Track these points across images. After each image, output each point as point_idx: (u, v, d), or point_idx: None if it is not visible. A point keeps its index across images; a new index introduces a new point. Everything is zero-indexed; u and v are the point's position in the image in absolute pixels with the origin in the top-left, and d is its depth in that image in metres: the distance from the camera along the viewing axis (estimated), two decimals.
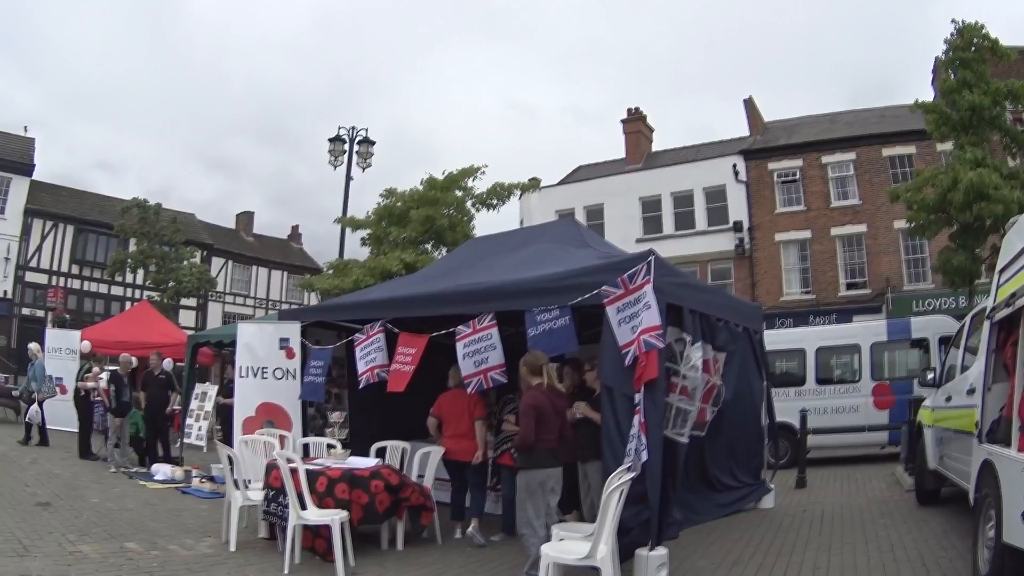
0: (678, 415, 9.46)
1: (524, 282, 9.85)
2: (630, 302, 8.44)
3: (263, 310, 58.62)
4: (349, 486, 9.40)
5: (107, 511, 11.67)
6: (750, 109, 42.52)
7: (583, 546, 7.13)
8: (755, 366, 12.56)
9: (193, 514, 12.01)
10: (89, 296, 52.13)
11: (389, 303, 11.83)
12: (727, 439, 11.71)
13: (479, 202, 27.46)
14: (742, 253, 38.32)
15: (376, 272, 24.90)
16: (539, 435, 8.18)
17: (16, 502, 11.75)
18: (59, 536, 9.72)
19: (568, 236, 11.98)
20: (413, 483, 10.36)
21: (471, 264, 12.26)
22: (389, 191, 28.38)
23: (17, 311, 48.94)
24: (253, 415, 13.39)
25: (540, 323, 9.39)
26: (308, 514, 8.92)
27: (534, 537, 8.02)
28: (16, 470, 14.91)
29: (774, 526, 11.27)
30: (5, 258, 48.43)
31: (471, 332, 10.18)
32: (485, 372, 10.08)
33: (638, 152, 45.63)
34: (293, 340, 13.27)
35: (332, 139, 26.10)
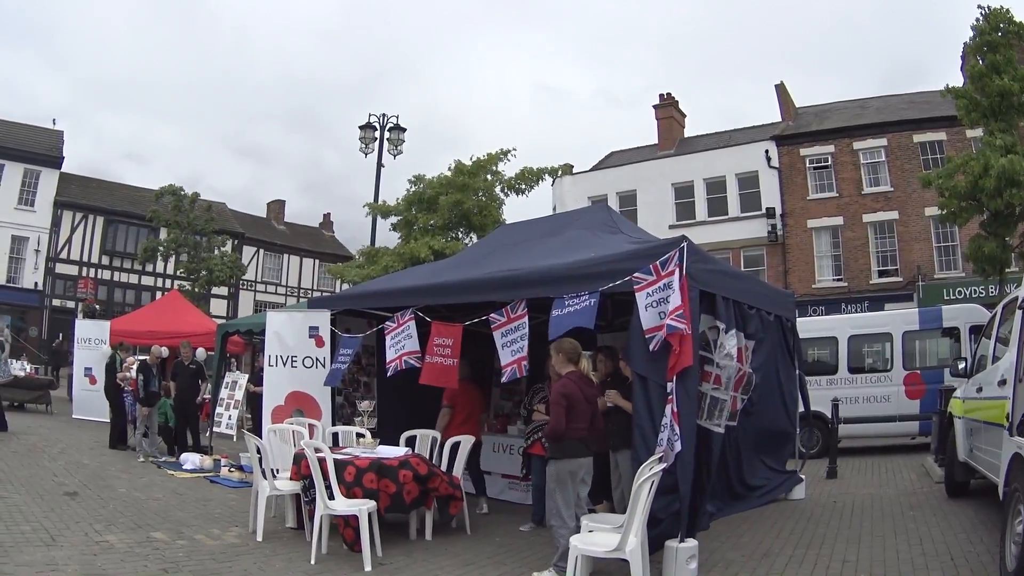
0: (713, 404, 9.45)
1: (556, 268, 9.77)
2: (660, 288, 8.39)
3: (295, 298, 59.13)
4: (377, 475, 9.40)
5: (134, 501, 11.75)
6: (782, 94, 42.35)
7: (612, 537, 7.12)
8: (787, 354, 12.51)
9: (221, 503, 12.08)
10: (119, 286, 52.87)
11: (420, 290, 11.78)
12: (757, 429, 11.63)
13: (508, 187, 27.42)
14: (774, 240, 38.24)
15: (405, 259, 24.93)
16: (570, 424, 8.13)
17: (44, 492, 11.82)
18: (86, 526, 9.79)
19: (600, 222, 11.93)
20: (442, 473, 10.36)
21: (502, 250, 12.23)
22: (418, 177, 28.43)
23: (48, 302, 49.69)
24: (282, 404, 13.45)
25: (567, 307, 9.38)
26: (336, 504, 8.95)
27: (564, 528, 7.99)
28: (45, 460, 15.02)
29: (804, 517, 11.25)
30: (35, 250, 49.15)
31: (506, 321, 10.17)
32: (519, 361, 10.04)
33: (671, 138, 45.61)
34: (323, 328, 13.31)
35: (363, 126, 26.09)
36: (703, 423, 9.18)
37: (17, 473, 13.21)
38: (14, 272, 49.40)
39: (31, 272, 49.62)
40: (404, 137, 26.35)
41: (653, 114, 46.67)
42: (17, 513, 10.15)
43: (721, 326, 9.40)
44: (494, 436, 13.50)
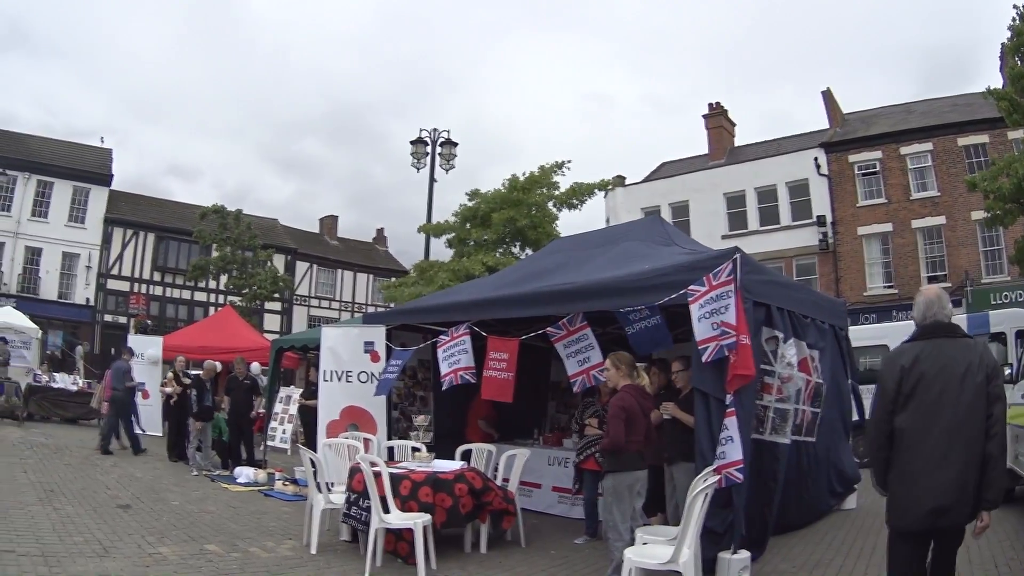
0: (777, 416, 9.50)
1: (610, 282, 9.88)
2: (711, 299, 8.48)
3: (348, 313, 59.51)
4: (433, 489, 9.53)
5: (187, 513, 11.90)
6: (828, 101, 42.29)
7: (666, 550, 7.17)
8: (841, 364, 12.50)
9: (275, 517, 12.21)
10: (171, 302, 53.69)
11: (474, 305, 11.94)
12: (824, 441, 11.66)
13: (560, 202, 27.47)
14: (825, 248, 38.25)
15: (460, 275, 25.07)
16: (628, 437, 8.18)
17: (97, 504, 11.97)
18: (138, 538, 9.93)
19: (654, 234, 12.01)
20: (497, 487, 10.47)
21: (557, 264, 12.32)
22: (473, 192, 28.56)
23: (99, 318, 50.35)
24: (337, 418, 13.66)
25: (635, 321, 9.49)
26: (391, 517, 9.04)
27: (619, 541, 8.04)
28: (98, 473, 15.20)
29: (855, 527, 11.30)
30: (87, 266, 50.11)
31: (566, 334, 10.34)
32: (588, 371, 10.31)
33: (721, 147, 45.93)
34: (378, 343, 13.53)
35: (414, 141, 26.24)
36: (768, 437, 9.24)
37: (70, 485, 13.39)
38: (65, 288, 50.39)
39: (82, 288, 50.58)
40: (456, 152, 26.47)
41: (703, 123, 47.07)
42: (70, 524, 10.30)
43: (779, 335, 9.46)
44: (549, 449, 13.58)
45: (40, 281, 49.32)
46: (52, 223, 49.76)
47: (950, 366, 5.41)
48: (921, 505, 5.28)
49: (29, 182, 49.24)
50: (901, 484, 5.47)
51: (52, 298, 49.39)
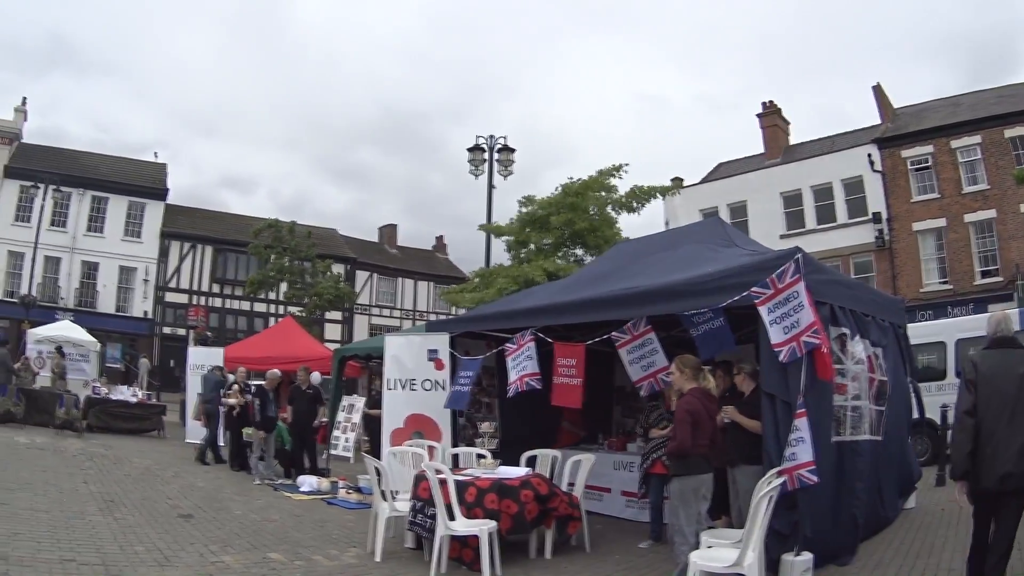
0: (854, 414, 9.46)
1: (674, 285, 9.91)
2: (780, 301, 8.48)
3: (410, 321, 59.84)
4: (499, 496, 9.56)
5: (250, 522, 11.96)
6: (879, 96, 42.21)
7: (731, 553, 7.19)
8: (901, 362, 12.37)
9: (338, 525, 12.23)
10: (231, 313, 54.62)
11: (539, 311, 11.99)
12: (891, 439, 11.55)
13: (619, 206, 27.42)
14: (882, 245, 38.27)
15: (519, 281, 25.06)
16: (694, 440, 8.19)
17: (158, 514, 12.05)
18: (200, 547, 9.98)
19: (715, 236, 12.04)
20: (562, 492, 10.47)
21: (619, 268, 12.35)
22: (528, 198, 28.57)
23: (158, 330, 51.01)
24: (402, 426, 13.75)
25: (699, 324, 9.48)
26: (456, 525, 9.05)
27: (684, 545, 8.05)
28: (159, 483, 15.32)
29: (915, 527, 11.26)
30: (144, 280, 51.23)
31: (630, 339, 10.38)
32: (655, 374, 10.46)
33: (776, 146, 46.14)
34: (442, 351, 13.58)
35: (471, 148, 26.27)
36: (848, 437, 9.20)
37: (130, 496, 13.47)
38: (123, 301, 51.52)
39: (140, 301, 51.66)
40: (513, 157, 26.45)
41: (757, 122, 47.32)
42: (131, 534, 10.35)
43: (846, 331, 9.41)
44: (614, 454, 13.54)
45: (97, 295, 50.48)
46: (108, 238, 51.04)
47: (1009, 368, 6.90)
48: (993, 471, 6.64)
49: (84, 198, 50.58)
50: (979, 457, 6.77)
51: (110, 311, 50.44)
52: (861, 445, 9.60)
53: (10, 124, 51.31)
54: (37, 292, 45.04)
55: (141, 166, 56.88)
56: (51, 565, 8.36)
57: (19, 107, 52.54)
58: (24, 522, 10.32)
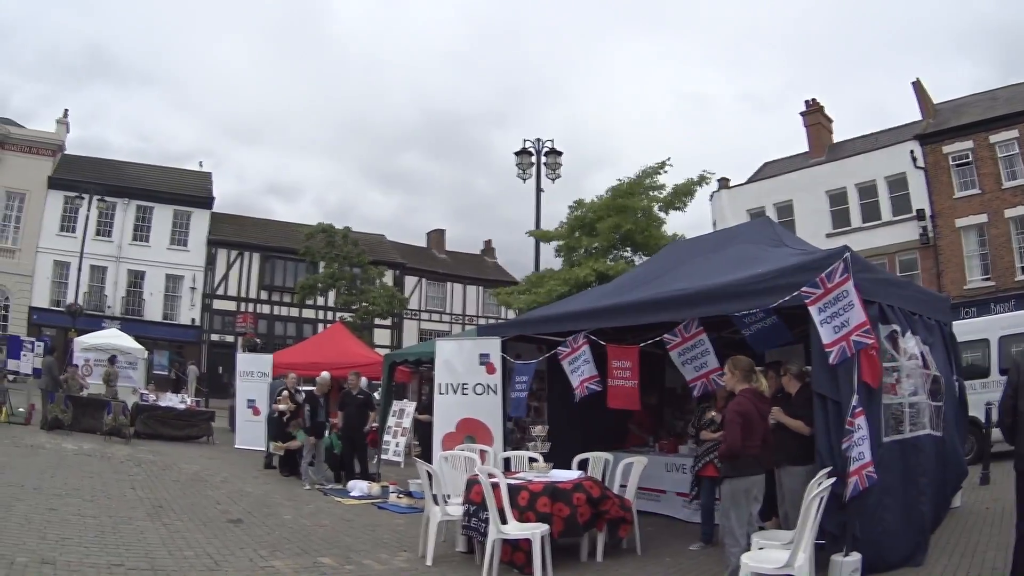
0: (912, 411, 9.39)
1: (725, 286, 9.90)
2: (830, 301, 8.45)
3: (459, 326, 60.22)
4: (551, 499, 9.55)
5: (300, 527, 12.01)
6: (919, 91, 41.96)
7: (782, 554, 7.19)
8: (947, 360, 12.26)
9: (389, 529, 12.25)
10: (279, 320, 55.08)
11: (590, 313, 12.01)
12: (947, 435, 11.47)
13: (666, 204, 27.39)
14: (926, 242, 38.07)
15: (570, 283, 25.09)
16: (745, 442, 8.19)
17: (208, 519, 12.12)
18: (250, 552, 10.03)
19: (764, 235, 12.04)
20: (614, 495, 10.46)
21: (670, 269, 12.37)
22: (578, 203, 28.62)
23: (206, 337, 51.55)
24: (453, 431, 13.79)
25: (750, 324, 9.46)
26: (508, 528, 9.06)
27: (735, 547, 8.06)
28: (208, 488, 15.43)
29: (960, 525, 11.14)
30: (191, 288, 52.06)
31: (681, 340, 10.38)
32: (707, 375, 10.46)
33: (820, 144, 46.09)
34: (493, 355, 13.61)
35: (518, 152, 26.26)
36: (908, 434, 9.14)
37: (179, 501, 13.56)
38: (170, 309, 52.38)
39: (187, 309, 52.45)
40: (560, 160, 26.43)
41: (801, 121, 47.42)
42: (180, 539, 10.43)
43: (897, 328, 9.35)
44: (666, 456, 13.51)
45: (144, 303, 51.29)
46: (154, 246, 51.94)
47: None
48: None
49: (129, 207, 51.59)
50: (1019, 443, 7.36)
51: (157, 319, 51.24)
52: (922, 440, 9.55)
53: (53, 136, 52.24)
54: (83, 301, 45.62)
55: (186, 175, 57.66)
56: (99, 570, 8.44)
57: (61, 119, 53.38)
58: (72, 527, 10.42)
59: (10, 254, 49.52)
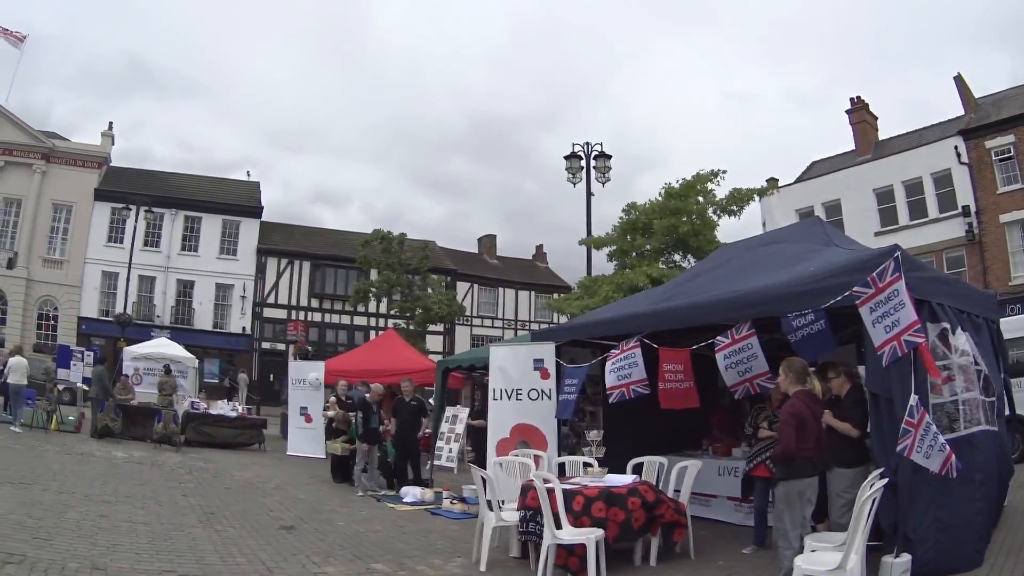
0: (965, 407, 9.34)
1: (777, 287, 9.98)
2: (881, 300, 8.41)
3: (512, 331, 60.41)
4: (606, 504, 9.56)
5: (353, 533, 12.07)
6: (961, 86, 41.74)
7: (835, 556, 7.18)
8: (994, 358, 12.17)
9: (443, 535, 12.30)
10: (331, 328, 55.66)
11: (643, 317, 12.04)
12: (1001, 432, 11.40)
13: (720, 209, 27.39)
14: (972, 239, 37.82)
15: (624, 287, 25.12)
16: (799, 444, 8.18)
17: (260, 526, 12.21)
18: (303, 558, 10.09)
19: (814, 236, 12.04)
20: (669, 499, 10.46)
21: (722, 272, 12.44)
22: (631, 205, 28.66)
23: (257, 346, 51.98)
24: (507, 436, 13.83)
25: (798, 328, 9.43)
26: (563, 533, 9.09)
27: (788, 549, 8.08)
28: (260, 495, 15.55)
29: (1005, 525, 11.00)
30: (242, 296, 52.88)
31: (730, 343, 10.33)
32: (751, 380, 10.37)
33: (866, 141, 46.02)
34: (548, 360, 13.61)
35: (567, 156, 26.40)
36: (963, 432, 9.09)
37: (231, 508, 13.68)
38: (220, 318, 53.24)
39: (238, 317, 53.16)
40: (610, 164, 26.48)
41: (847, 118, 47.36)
42: (232, 546, 10.51)
43: (947, 326, 9.31)
44: (719, 459, 13.47)
45: (194, 312, 52.19)
46: (203, 256, 52.98)
47: None
48: None
49: (177, 218, 52.63)
50: None
51: (207, 328, 52.03)
52: (976, 437, 9.47)
53: (98, 148, 53.48)
54: (132, 311, 46.21)
55: (234, 185, 58.81)
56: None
57: (106, 132, 54.54)
58: (123, 534, 10.52)
59: (58, 265, 50.78)
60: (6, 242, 50.35)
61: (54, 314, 50.60)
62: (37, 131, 51.81)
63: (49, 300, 50.61)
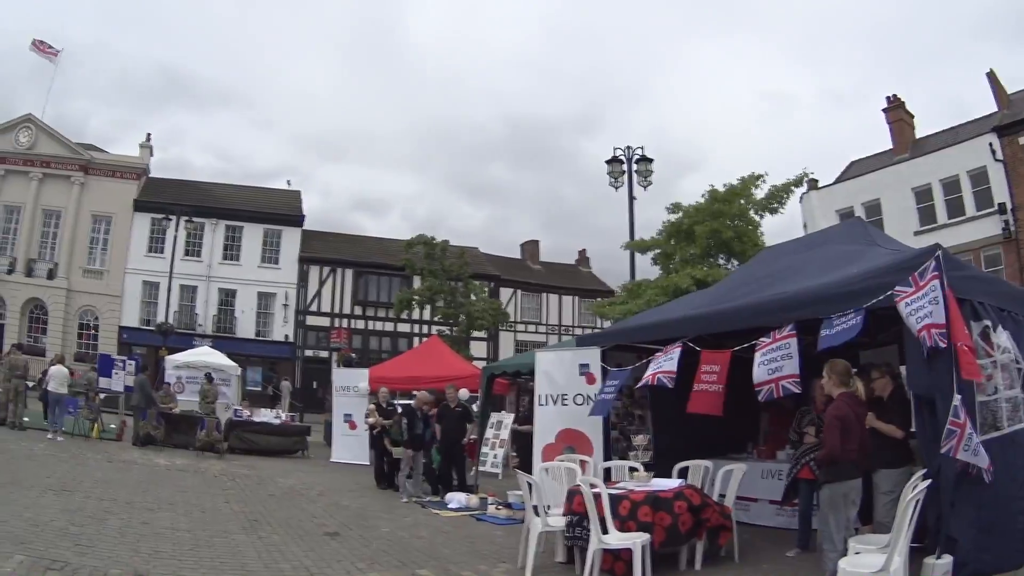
0: (1008, 404, 9.26)
1: (820, 289, 9.95)
2: (918, 297, 8.38)
3: (555, 336, 60.62)
4: (652, 508, 9.53)
5: (398, 539, 12.07)
6: (994, 82, 41.25)
7: (878, 558, 7.13)
8: None
9: (488, 541, 12.32)
10: (374, 335, 56.07)
11: (687, 321, 12.05)
12: None
13: (761, 208, 27.32)
14: (1008, 236, 37.21)
15: (668, 291, 25.09)
16: (843, 446, 8.20)
17: (304, 532, 12.23)
18: (347, 564, 10.11)
19: (856, 236, 12.06)
20: (714, 503, 10.45)
21: (765, 274, 12.43)
22: (675, 206, 28.64)
23: (299, 353, 52.33)
24: (553, 442, 13.83)
25: (835, 326, 9.37)
26: (609, 538, 9.07)
27: (833, 552, 8.09)
28: (304, 502, 15.59)
29: None
30: (284, 304, 53.34)
31: (770, 342, 10.24)
32: (777, 380, 10.11)
33: (903, 140, 45.52)
34: (593, 365, 13.61)
35: (609, 160, 26.49)
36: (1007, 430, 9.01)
37: (275, 515, 13.72)
38: (263, 326, 53.84)
39: (280, 325, 53.65)
40: (652, 168, 26.49)
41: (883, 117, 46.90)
42: (276, 552, 10.54)
43: (988, 323, 9.23)
44: (763, 462, 13.46)
45: (236, 321, 52.87)
46: (244, 265, 53.84)
47: None
48: None
49: (217, 227, 53.48)
50: None
51: (249, 336, 52.68)
52: (1020, 435, 9.31)
53: (137, 160, 54.61)
54: (174, 320, 46.86)
55: (275, 194, 59.60)
56: None
57: (144, 143, 55.71)
58: (166, 540, 10.56)
59: (98, 275, 51.90)
60: (46, 253, 51.54)
61: (95, 324, 51.60)
62: (75, 143, 53.09)
63: (90, 310, 51.61)
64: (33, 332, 50.90)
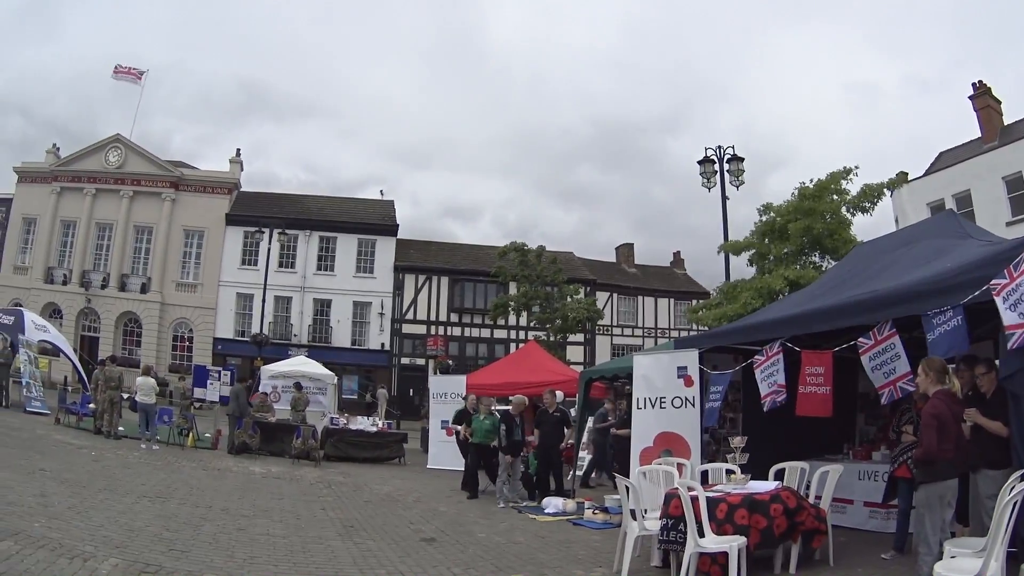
0: None
1: (915, 285, 9.87)
2: (1014, 288, 8.24)
3: (652, 339, 60.66)
4: (749, 511, 9.54)
5: (494, 545, 12.17)
6: None
7: (974, 563, 6.97)
8: None
9: (584, 545, 12.35)
10: (470, 341, 56.45)
11: (784, 322, 12.03)
12: None
13: (853, 206, 27.12)
14: None
15: (763, 292, 24.99)
16: (940, 445, 8.09)
17: (400, 538, 12.35)
18: (443, 569, 10.20)
19: (949, 230, 11.96)
20: (809, 505, 10.39)
21: (859, 272, 12.47)
22: (767, 206, 28.58)
23: (396, 361, 52.85)
24: (651, 445, 13.86)
25: (937, 326, 9.29)
26: (706, 542, 9.09)
27: (928, 555, 7.97)
28: (400, 508, 15.74)
29: None
30: (379, 313, 54.31)
31: (874, 344, 10.19)
32: (894, 382, 10.13)
33: (992, 127, 44.09)
34: (691, 368, 13.60)
35: (700, 161, 26.48)
36: None
37: (372, 521, 13.86)
38: (358, 335, 54.53)
39: (376, 334, 54.33)
40: (743, 166, 26.42)
41: (970, 105, 45.62)
42: (371, 558, 10.66)
43: None
44: (859, 463, 13.38)
45: (331, 330, 53.75)
46: (339, 275, 54.82)
47: None
48: None
49: (311, 239, 54.59)
50: None
51: (345, 345, 53.32)
52: None
53: (227, 175, 56.28)
54: (269, 331, 47.63)
55: (368, 204, 60.54)
56: None
57: (234, 158, 57.32)
58: (261, 547, 10.74)
59: (192, 288, 53.47)
60: (139, 268, 53.28)
61: (189, 335, 52.93)
62: (164, 161, 54.83)
63: (183, 322, 53.03)
64: (127, 344, 52.62)
